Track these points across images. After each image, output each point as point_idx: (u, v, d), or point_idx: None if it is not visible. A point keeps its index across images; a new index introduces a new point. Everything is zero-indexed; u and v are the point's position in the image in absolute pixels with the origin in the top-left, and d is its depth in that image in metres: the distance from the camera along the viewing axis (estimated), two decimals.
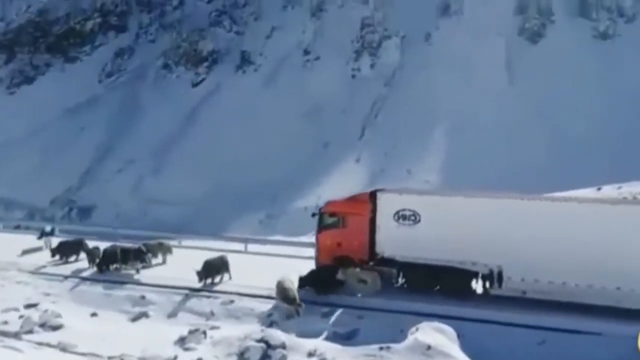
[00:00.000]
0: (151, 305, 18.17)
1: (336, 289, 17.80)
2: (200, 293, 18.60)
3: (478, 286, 17.65)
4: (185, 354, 14.78)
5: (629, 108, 59.61)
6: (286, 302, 16.56)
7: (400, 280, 18.27)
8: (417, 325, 14.19)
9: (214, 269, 19.14)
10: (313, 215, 19.87)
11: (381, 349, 13.54)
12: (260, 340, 14.16)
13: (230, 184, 57.88)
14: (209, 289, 18.78)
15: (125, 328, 16.91)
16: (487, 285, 17.30)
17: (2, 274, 20.79)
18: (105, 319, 17.46)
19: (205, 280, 19.03)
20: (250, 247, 25.66)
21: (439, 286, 17.63)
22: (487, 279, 17.15)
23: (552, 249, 16.05)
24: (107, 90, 75.64)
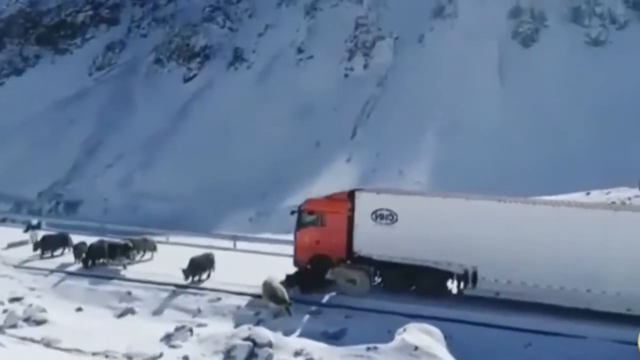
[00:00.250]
0: (137, 302, 18.04)
1: (321, 288, 17.81)
2: (187, 290, 18.50)
3: (454, 286, 17.80)
4: (171, 351, 14.66)
5: (619, 113, 60.02)
6: (276, 302, 16.49)
7: (377, 280, 18.36)
8: (405, 326, 14.19)
9: (199, 266, 19.07)
10: (292, 212, 19.96)
11: (368, 349, 13.53)
12: (247, 338, 14.06)
13: (220, 180, 57.58)
14: (196, 286, 18.69)
15: (111, 324, 16.75)
16: (462, 285, 17.45)
17: None
18: (90, 315, 17.30)
19: (193, 277, 18.98)
20: (239, 245, 25.59)
21: (415, 286, 17.78)
22: (462, 279, 17.32)
23: (525, 251, 16.28)
24: (98, 83, 74.90)
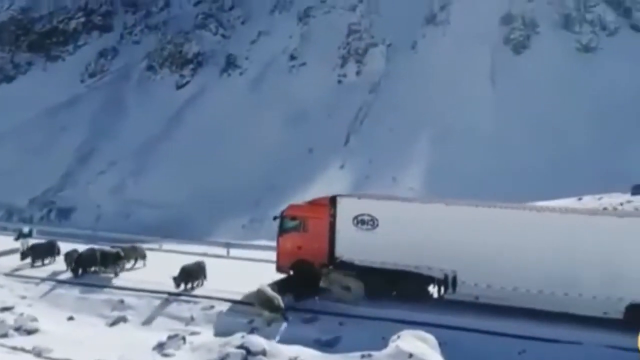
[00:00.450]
0: (130, 310, 17.90)
1: (313, 295, 17.76)
2: (180, 298, 18.37)
3: (435, 291, 17.86)
4: (164, 359, 14.55)
5: (611, 118, 60.52)
6: (271, 311, 16.41)
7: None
8: (399, 333, 14.10)
9: (191, 274, 18.97)
10: (274, 218, 20.00)
11: (363, 356, 13.44)
12: (241, 346, 13.93)
13: (213, 187, 57.43)
14: (189, 294, 18.56)
15: (103, 333, 16.62)
16: (442, 290, 17.54)
17: None
18: (82, 323, 17.15)
19: (186, 285, 18.86)
20: (233, 252, 25.49)
21: (396, 291, 17.82)
22: (442, 283, 17.41)
23: (504, 256, 16.41)
24: (90, 90, 74.67)
